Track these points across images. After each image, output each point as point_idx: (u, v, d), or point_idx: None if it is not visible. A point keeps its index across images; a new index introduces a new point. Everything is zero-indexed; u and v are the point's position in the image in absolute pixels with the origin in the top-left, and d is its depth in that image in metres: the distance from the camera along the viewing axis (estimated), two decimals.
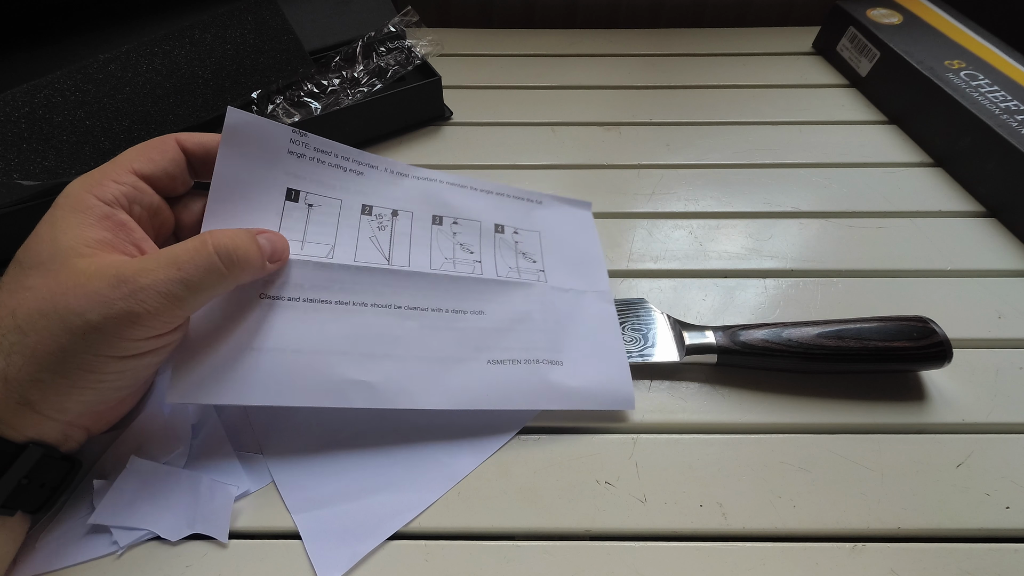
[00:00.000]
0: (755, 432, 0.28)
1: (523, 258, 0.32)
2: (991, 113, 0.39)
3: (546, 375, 0.28)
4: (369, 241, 0.29)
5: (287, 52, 0.41)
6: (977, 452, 0.27)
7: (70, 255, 0.21)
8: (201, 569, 0.23)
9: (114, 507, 0.24)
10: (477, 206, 0.33)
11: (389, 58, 0.44)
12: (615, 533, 0.25)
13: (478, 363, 0.28)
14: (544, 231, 0.34)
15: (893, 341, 0.28)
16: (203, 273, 0.22)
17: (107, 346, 0.21)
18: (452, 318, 0.29)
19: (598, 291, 0.32)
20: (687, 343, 0.29)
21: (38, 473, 0.22)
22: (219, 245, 0.23)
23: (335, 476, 0.26)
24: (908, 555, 0.24)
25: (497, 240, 0.32)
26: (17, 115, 0.34)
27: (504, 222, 0.33)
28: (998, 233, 0.38)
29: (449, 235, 0.31)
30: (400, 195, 0.31)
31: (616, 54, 0.55)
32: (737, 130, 0.46)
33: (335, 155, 0.29)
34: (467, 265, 0.31)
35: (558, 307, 0.31)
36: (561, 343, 0.30)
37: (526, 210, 0.34)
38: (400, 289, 0.28)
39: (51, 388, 0.21)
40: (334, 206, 0.29)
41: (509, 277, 0.31)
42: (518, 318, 0.30)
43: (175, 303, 0.22)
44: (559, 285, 0.32)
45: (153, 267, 0.21)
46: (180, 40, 0.38)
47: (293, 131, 0.28)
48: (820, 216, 0.39)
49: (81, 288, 0.21)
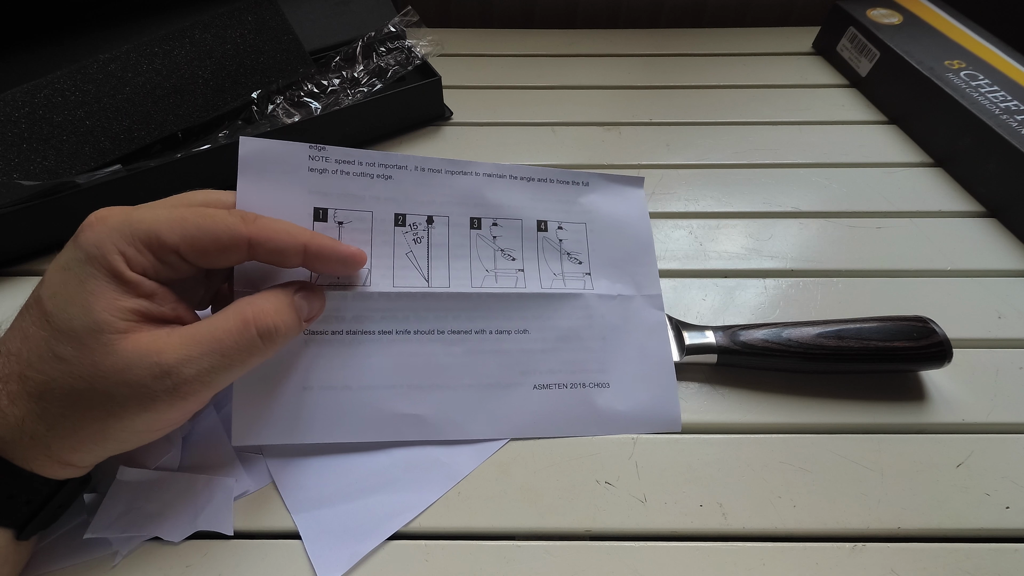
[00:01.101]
0: (755, 432, 0.28)
1: (568, 259, 0.31)
2: (991, 113, 0.39)
3: (593, 400, 0.28)
4: (406, 259, 0.28)
5: (287, 52, 0.41)
6: (977, 452, 0.27)
7: (106, 330, 0.20)
8: (201, 569, 0.23)
9: (109, 519, 0.24)
10: (517, 199, 0.31)
11: (389, 58, 0.44)
12: (615, 533, 0.25)
13: (525, 388, 0.28)
14: (591, 221, 0.32)
15: (893, 341, 0.28)
16: (247, 355, 0.22)
17: (145, 427, 0.21)
18: (497, 339, 0.28)
19: (647, 295, 0.31)
20: (687, 343, 0.29)
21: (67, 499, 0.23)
22: (262, 326, 0.22)
23: (335, 476, 0.26)
24: (908, 555, 0.24)
25: (540, 241, 0.31)
26: (17, 115, 0.34)
27: (547, 216, 0.31)
28: (998, 233, 0.38)
29: (489, 240, 0.30)
30: (434, 196, 0.29)
31: (616, 54, 0.55)
32: (737, 130, 0.46)
33: (358, 163, 0.28)
34: (509, 277, 0.29)
35: (606, 319, 0.30)
36: (608, 362, 0.29)
37: (571, 196, 0.32)
38: (443, 313, 0.28)
39: (89, 453, 0.21)
40: (365, 220, 0.28)
41: (554, 288, 0.30)
42: (563, 336, 0.29)
43: (214, 388, 0.22)
44: (606, 291, 0.30)
45: (197, 355, 0.21)
46: (180, 40, 0.38)
47: (310, 147, 0.27)
48: (820, 216, 0.39)
49: (121, 376, 0.20)
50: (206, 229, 0.21)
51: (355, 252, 0.25)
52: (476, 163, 0.30)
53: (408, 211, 0.29)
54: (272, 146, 0.26)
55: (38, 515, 0.21)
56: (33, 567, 0.23)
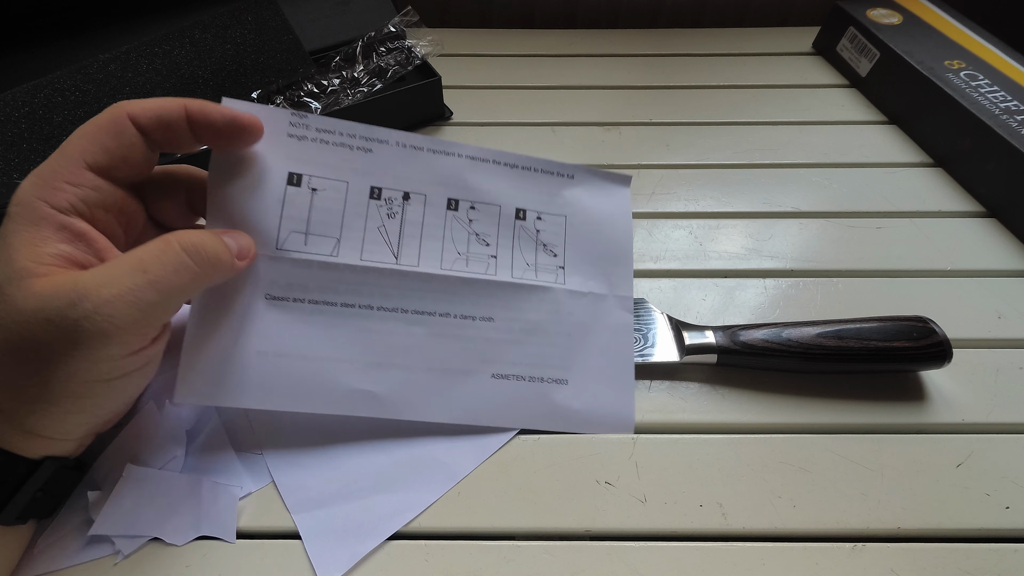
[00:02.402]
0: (755, 432, 0.28)
1: (543, 251, 0.30)
2: (991, 113, 0.39)
3: (550, 395, 0.28)
4: (377, 232, 0.27)
5: (287, 52, 0.41)
6: (977, 452, 0.27)
7: (24, 276, 0.19)
8: (201, 569, 0.23)
9: (114, 517, 0.23)
10: (499, 185, 0.30)
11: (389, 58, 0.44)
12: (615, 533, 0.25)
13: (483, 376, 0.28)
14: (571, 215, 0.31)
15: (893, 341, 0.28)
16: (172, 273, 0.21)
17: (85, 372, 0.20)
18: (461, 324, 0.28)
19: (618, 296, 0.30)
20: (687, 343, 0.29)
21: (52, 484, 0.22)
22: (185, 243, 0.21)
23: (335, 476, 0.26)
24: (908, 555, 0.24)
25: (517, 229, 0.30)
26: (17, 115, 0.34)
27: (527, 205, 0.30)
28: (998, 233, 0.38)
29: (464, 223, 0.29)
30: (413, 174, 0.28)
31: (616, 54, 0.55)
32: (737, 130, 0.46)
33: (339, 133, 0.27)
34: (480, 263, 0.29)
35: (573, 316, 0.30)
36: (569, 359, 0.29)
37: (555, 188, 0.31)
38: (408, 291, 0.28)
39: (48, 416, 0.20)
40: (340, 189, 0.27)
41: (524, 279, 0.29)
42: (528, 328, 0.29)
43: (145, 311, 0.20)
44: (577, 288, 0.30)
45: (117, 275, 0.20)
46: (180, 40, 0.38)
47: (292, 113, 0.27)
48: (820, 216, 0.39)
49: (41, 312, 0.19)
50: (95, 124, 0.22)
51: (243, 114, 0.24)
52: (460, 144, 0.29)
53: (385, 185, 0.28)
54: (254, 109, 0.26)
55: (14, 497, 0.21)
56: (35, 567, 0.23)
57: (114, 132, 0.22)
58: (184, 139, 0.23)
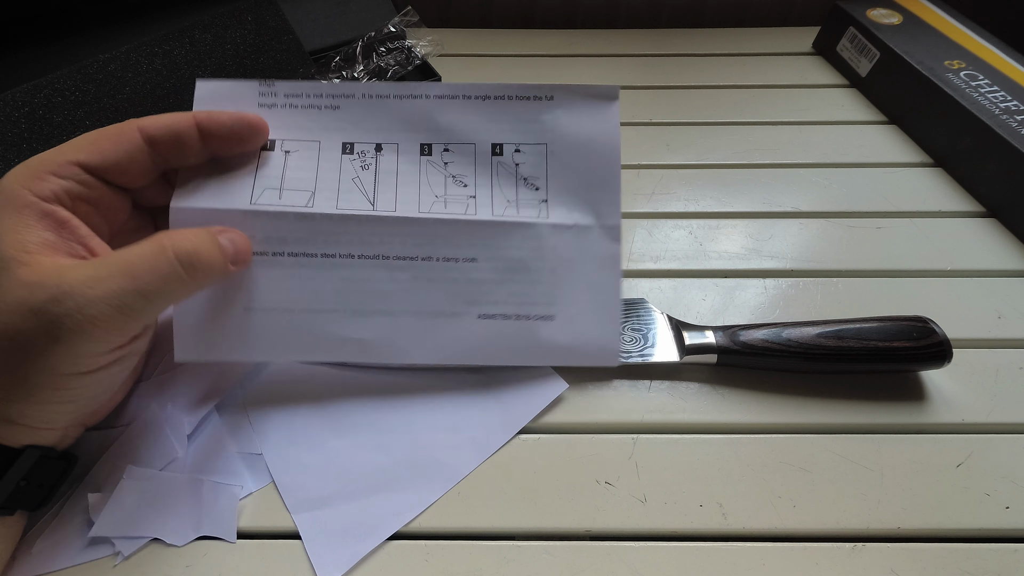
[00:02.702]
0: (755, 432, 0.28)
1: (524, 185, 0.29)
2: (991, 113, 0.39)
3: (536, 332, 0.28)
4: (352, 183, 0.27)
5: (287, 52, 0.41)
6: (977, 452, 0.27)
7: (10, 264, 0.19)
8: (201, 569, 0.23)
9: (114, 519, 0.23)
10: (471, 121, 0.29)
11: (389, 58, 0.44)
12: (615, 533, 0.25)
13: (469, 317, 0.28)
14: (552, 142, 0.29)
15: (893, 341, 0.28)
16: (162, 281, 0.21)
17: (64, 365, 0.20)
18: (444, 267, 0.28)
19: (605, 225, 0.29)
20: (687, 343, 0.29)
21: (36, 474, 0.22)
22: (180, 250, 0.21)
23: (335, 476, 0.26)
24: (908, 555, 0.24)
25: (495, 165, 0.29)
26: (17, 115, 0.34)
27: (504, 138, 0.29)
28: (998, 233, 0.38)
29: (440, 166, 0.28)
30: (383, 123, 0.28)
31: (616, 54, 0.55)
32: (737, 130, 0.46)
33: (307, 95, 0.28)
34: (460, 204, 0.28)
35: (557, 251, 0.29)
36: (555, 295, 0.29)
37: (532, 114, 0.29)
38: (388, 237, 0.27)
39: (27, 406, 0.20)
40: (312, 148, 0.28)
41: (506, 216, 0.28)
42: (512, 267, 0.28)
43: (129, 315, 0.20)
44: (561, 220, 0.28)
45: (104, 275, 0.20)
46: (180, 40, 0.38)
47: (261, 83, 0.27)
48: (820, 216, 0.39)
49: (24, 304, 0.19)
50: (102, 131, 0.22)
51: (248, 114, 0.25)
52: (427, 84, 0.29)
53: (356, 139, 0.28)
54: (224, 85, 0.27)
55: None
56: (35, 567, 0.23)
57: (116, 139, 0.22)
58: (193, 149, 0.24)
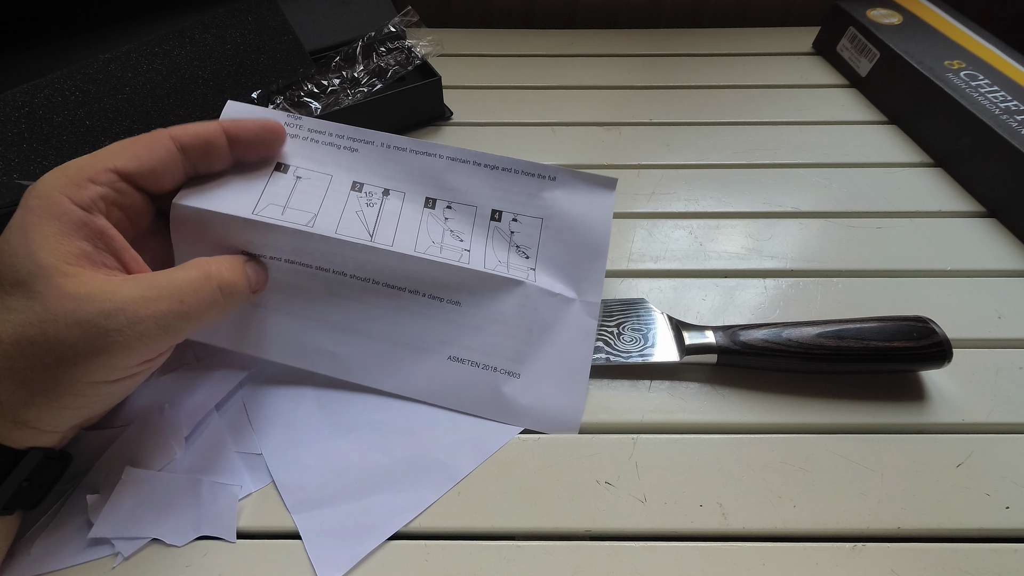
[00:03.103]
0: (755, 432, 0.28)
1: (516, 252, 0.30)
2: (991, 113, 0.39)
3: (499, 386, 0.28)
4: (355, 215, 0.28)
5: (287, 52, 0.41)
6: (977, 452, 0.27)
7: (53, 274, 0.20)
8: (201, 569, 0.23)
9: (113, 519, 0.23)
10: (477, 186, 0.30)
11: (389, 58, 0.44)
12: (615, 533, 0.25)
13: (439, 356, 0.29)
14: (548, 218, 0.31)
15: (893, 341, 0.28)
16: (205, 307, 0.22)
17: (98, 375, 0.21)
18: (427, 303, 0.29)
19: (586, 302, 0.30)
20: (687, 343, 0.29)
21: (37, 474, 0.22)
22: (223, 281, 0.23)
23: (335, 476, 0.26)
24: (908, 555, 0.24)
25: (491, 229, 0.30)
26: (17, 115, 0.34)
27: (504, 207, 0.31)
28: (998, 233, 0.38)
29: (440, 220, 0.30)
30: (395, 172, 0.30)
31: (616, 54, 0.55)
32: (737, 130, 0.46)
33: (329, 134, 0.29)
34: (454, 252, 0.29)
35: (538, 313, 0.29)
36: (526, 355, 0.29)
37: (534, 189, 0.31)
38: (381, 267, 0.28)
39: (45, 410, 0.21)
40: (324, 180, 0.29)
41: (496, 271, 0.29)
42: (493, 318, 0.29)
43: (171, 335, 0.22)
44: (547, 287, 0.30)
45: (155, 296, 0.21)
46: (180, 40, 0.38)
47: (288, 115, 0.29)
48: (820, 216, 0.39)
49: (73, 316, 0.19)
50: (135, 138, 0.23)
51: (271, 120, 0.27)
52: (442, 146, 0.30)
53: (367, 181, 0.29)
54: (253, 111, 0.29)
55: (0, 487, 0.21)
56: (33, 568, 0.23)
57: (151, 145, 0.23)
58: (222, 155, 0.26)
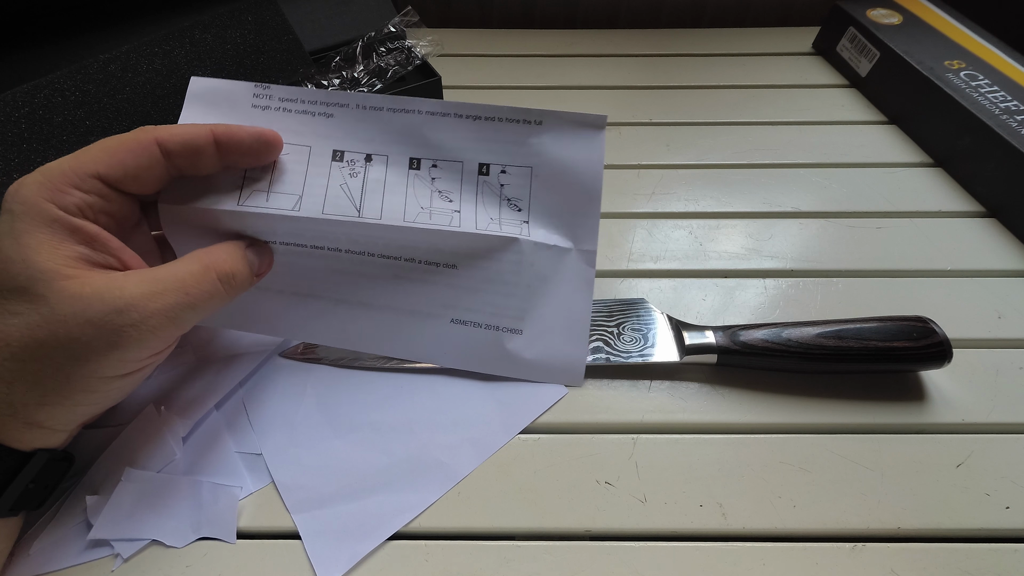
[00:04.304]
0: (755, 432, 0.28)
1: (507, 205, 0.29)
2: (991, 113, 0.39)
3: (504, 343, 0.29)
4: (340, 190, 0.28)
5: (287, 52, 0.41)
6: (977, 452, 0.27)
7: (54, 277, 0.20)
8: (201, 569, 0.23)
9: (113, 521, 0.24)
10: (460, 139, 0.29)
11: (389, 58, 0.44)
12: (615, 533, 0.25)
13: (443, 320, 0.29)
14: (538, 165, 0.29)
15: (893, 341, 0.28)
16: (208, 297, 0.23)
17: (110, 369, 0.21)
18: (424, 270, 0.29)
19: (583, 250, 0.30)
20: (687, 343, 0.29)
21: (43, 475, 0.22)
22: (222, 272, 0.24)
23: (335, 476, 0.26)
24: (908, 555, 0.24)
25: (480, 184, 0.29)
26: (17, 115, 0.34)
27: (490, 159, 0.29)
28: (998, 233, 0.38)
29: (427, 181, 0.29)
30: (374, 134, 0.29)
31: (616, 54, 0.55)
32: (737, 130, 0.46)
33: (301, 101, 0.28)
34: (444, 216, 0.28)
35: (535, 268, 0.29)
36: (527, 310, 0.29)
37: (520, 136, 0.29)
38: (373, 240, 0.28)
39: (58, 408, 0.21)
40: (303, 153, 0.28)
41: (489, 230, 0.29)
42: (490, 278, 0.29)
43: (179, 326, 0.22)
44: (542, 240, 0.29)
45: (161, 291, 0.21)
46: (180, 40, 0.38)
47: (256, 85, 0.28)
48: (820, 216, 0.39)
49: (83, 315, 0.20)
50: (120, 141, 0.22)
51: (267, 130, 0.26)
52: (420, 100, 0.29)
53: (347, 148, 0.28)
54: (219, 84, 0.28)
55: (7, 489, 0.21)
56: (33, 568, 0.23)
57: (136, 151, 0.23)
58: (210, 162, 0.25)
